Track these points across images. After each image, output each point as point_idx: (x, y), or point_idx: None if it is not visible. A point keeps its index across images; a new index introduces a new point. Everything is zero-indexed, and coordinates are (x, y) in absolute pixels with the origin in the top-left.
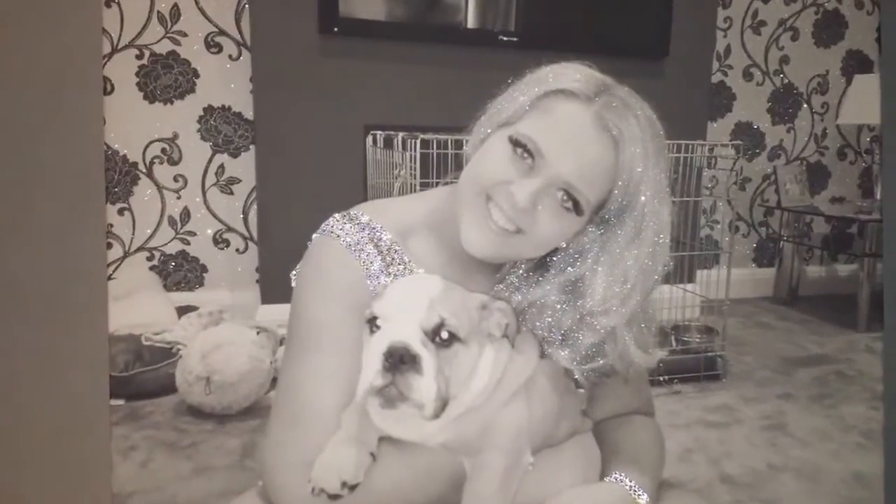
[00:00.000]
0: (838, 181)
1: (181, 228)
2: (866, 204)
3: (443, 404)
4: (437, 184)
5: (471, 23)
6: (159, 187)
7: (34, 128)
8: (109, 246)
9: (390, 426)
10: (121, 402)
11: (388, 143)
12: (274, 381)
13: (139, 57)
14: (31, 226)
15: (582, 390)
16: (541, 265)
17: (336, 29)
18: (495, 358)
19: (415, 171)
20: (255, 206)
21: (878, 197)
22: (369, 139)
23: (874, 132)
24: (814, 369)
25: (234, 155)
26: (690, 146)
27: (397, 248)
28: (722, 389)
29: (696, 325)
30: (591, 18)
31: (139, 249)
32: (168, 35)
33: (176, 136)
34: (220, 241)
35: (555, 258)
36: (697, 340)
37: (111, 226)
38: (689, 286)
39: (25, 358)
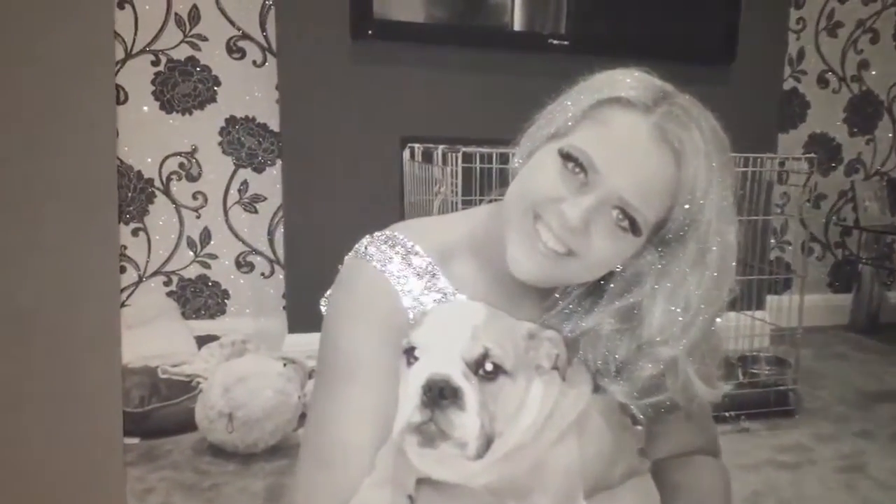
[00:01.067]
0: None
1: (201, 251)
2: None
3: (487, 443)
4: (481, 201)
5: (517, 25)
6: (177, 206)
7: (39, 141)
8: (123, 270)
9: (429, 466)
10: (136, 440)
11: (427, 157)
12: (302, 417)
13: (155, 63)
14: (37, 248)
15: (639, 427)
16: (594, 290)
17: (370, 32)
18: (544, 392)
19: (456, 187)
20: (281, 226)
21: None
22: (406, 152)
23: None
24: (895, 405)
25: (259, 170)
26: (759, 160)
27: (437, 271)
28: (794, 427)
29: (765, 355)
30: (650, 20)
31: (155, 274)
32: (186, 39)
33: (195, 149)
34: (243, 265)
35: (609, 283)
36: (767, 373)
37: (125, 248)
38: (758, 313)
39: (32, 393)
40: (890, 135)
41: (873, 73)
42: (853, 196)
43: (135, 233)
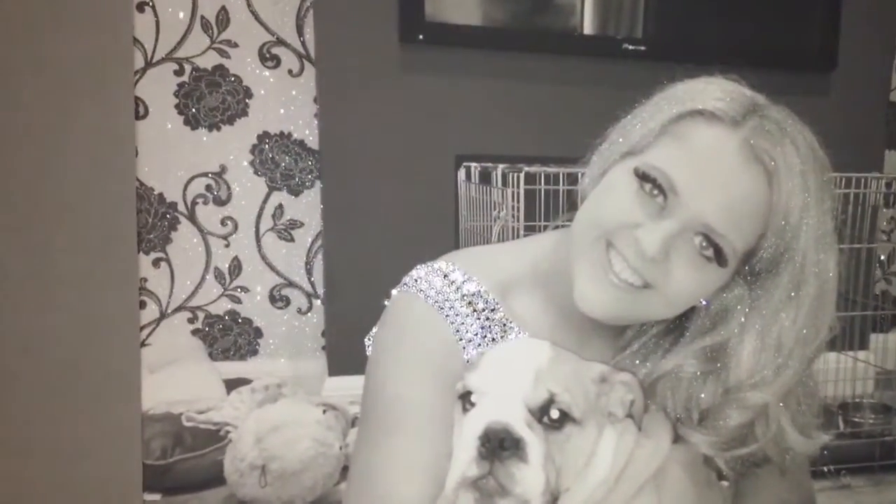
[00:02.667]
0: None
1: (230, 283)
2: None
3: (553, 499)
4: (546, 228)
5: (588, 28)
6: (203, 233)
7: (50, 162)
8: (143, 305)
9: None
10: (157, 496)
11: (485, 178)
12: (345, 470)
13: (178, 73)
14: (50, 281)
15: (726, 483)
16: (674, 328)
17: (421, 37)
18: (618, 442)
19: (518, 211)
20: (320, 256)
21: None
22: (462, 173)
23: None
24: None
25: (296, 193)
26: (863, 180)
27: (496, 306)
28: None
29: (869, 402)
30: (738, 22)
31: (179, 309)
32: (214, 46)
33: (224, 169)
34: (277, 299)
35: (692, 320)
36: (871, 421)
37: (145, 280)
38: (861, 354)
39: (43, 442)
40: None
41: None
42: None
43: (156, 263)
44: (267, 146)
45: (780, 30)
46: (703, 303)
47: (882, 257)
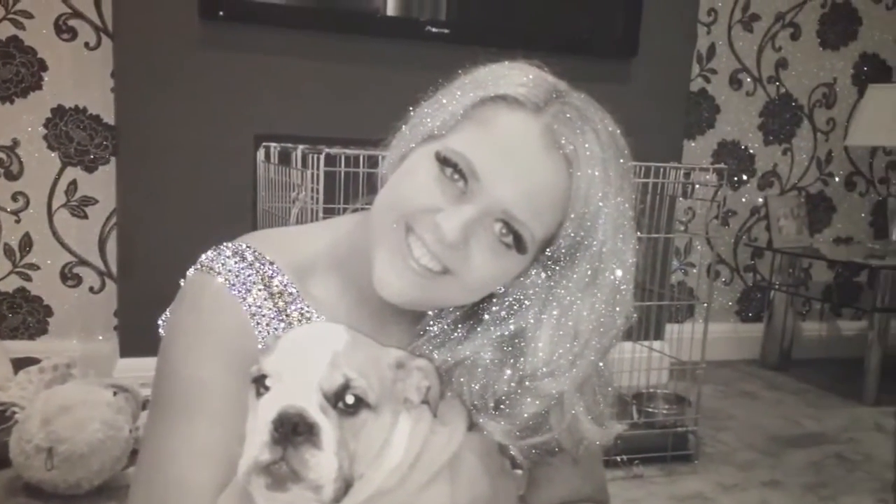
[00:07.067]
0: (845, 217)
1: (20, 260)
2: (879, 246)
3: (346, 486)
4: (345, 210)
5: (391, 9)
6: None
7: None
8: None
9: None
10: None
11: (285, 159)
12: (134, 453)
13: None
14: None
15: (520, 471)
16: (472, 315)
17: (221, 13)
18: (413, 429)
19: (317, 193)
20: (114, 234)
21: (895, 238)
22: (261, 152)
23: (891, 156)
24: (809, 451)
25: (90, 169)
26: (662, 170)
27: (293, 289)
28: (694, 473)
29: (663, 392)
30: (541, 7)
31: None
32: (8, 16)
33: (16, 143)
34: (69, 277)
35: (490, 307)
36: (665, 412)
37: None
38: (657, 344)
39: None
40: (808, 144)
41: (793, 73)
42: (766, 213)
43: None
44: (61, 121)
45: (583, 16)
46: (501, 290)
47: (679, 248)
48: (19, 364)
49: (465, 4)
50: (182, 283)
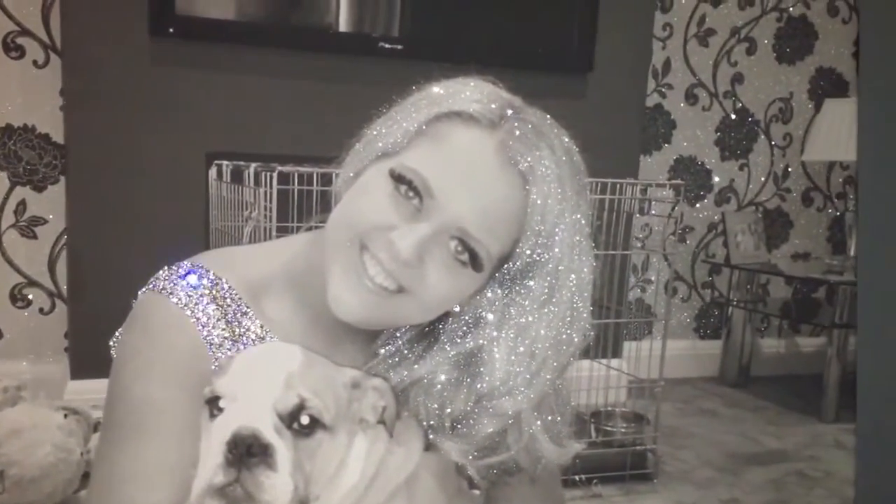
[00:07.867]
0: (803, 233)
1: None
2: (837, 262)
3: None
4: (299, 229)
5: (343, 25)
6: None
7: None
8: None
9: None
10: None
11: (237, 177)
12: (86, 476)
13: None
14: None
15: (477, 492)
16: (428, 334)
17: (171, 30)
18: (369, 450)
19: (270, 212)
20: (64, 255)
21: (853, 253)
22: (213, 171)
23: (848, 171)
24: (769, 468)
25: (40, 188)
26: (619, 186)
27: (246, 309)
28: (653, 492)
29: (621, 410)
30: (496, 23)
31: None
32: None
33: None
34: (18, 298)
35: (446, 325)
36: (623, 430)
37: None
38: (615, 362)
39: None
40: (765, 160)
41: (749, 88)
42: (724, 229)
43: None
44: (9, 140)
45: (538, 31)
46: (457, 308)
47: (636, 264)
48: None
49: (419, 20)
50: (134, 304)
